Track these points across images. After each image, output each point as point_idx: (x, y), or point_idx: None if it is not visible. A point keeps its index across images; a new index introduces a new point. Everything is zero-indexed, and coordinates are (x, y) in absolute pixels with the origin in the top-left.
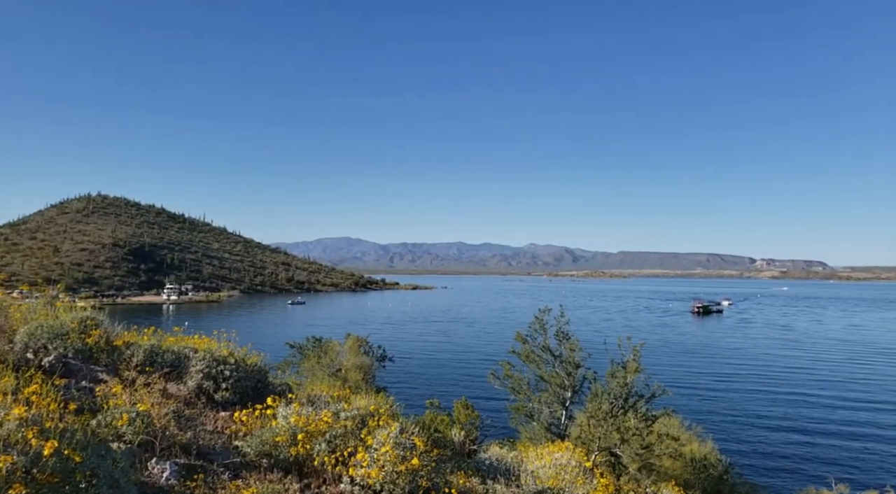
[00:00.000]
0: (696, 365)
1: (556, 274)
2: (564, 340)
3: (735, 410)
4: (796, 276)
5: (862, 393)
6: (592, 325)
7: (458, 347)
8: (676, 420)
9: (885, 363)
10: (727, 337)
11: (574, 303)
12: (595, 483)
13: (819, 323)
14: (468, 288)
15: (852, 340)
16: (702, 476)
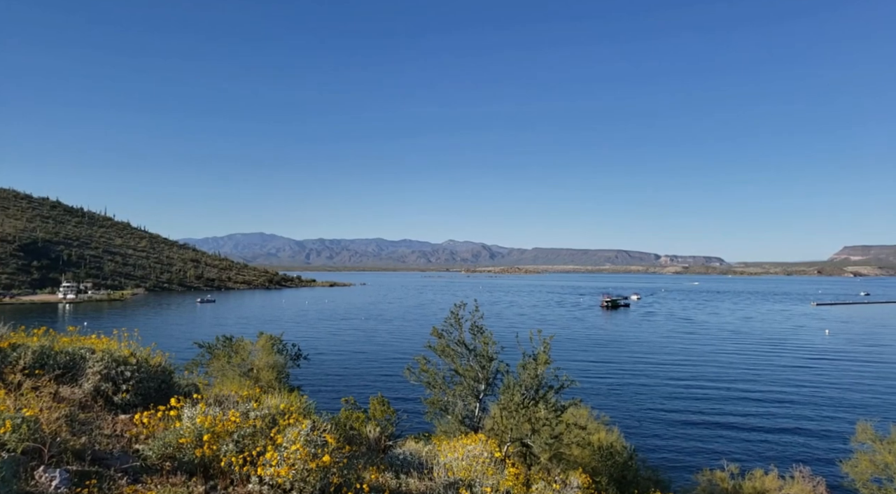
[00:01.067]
0: (604, 356)
1: (474, 270)
2: (479, 334)
3: (639, 399)
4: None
5: (752, 381)
6: (507, 320)
7: (376, 344)
8: (585, 410)
9: (772, 352)
10: (633, 329)
11: (490, 299)
12: (505, 474)
13: (716, 316)
14: (387, 284)
15: (744, 331)
16: (608, 462)
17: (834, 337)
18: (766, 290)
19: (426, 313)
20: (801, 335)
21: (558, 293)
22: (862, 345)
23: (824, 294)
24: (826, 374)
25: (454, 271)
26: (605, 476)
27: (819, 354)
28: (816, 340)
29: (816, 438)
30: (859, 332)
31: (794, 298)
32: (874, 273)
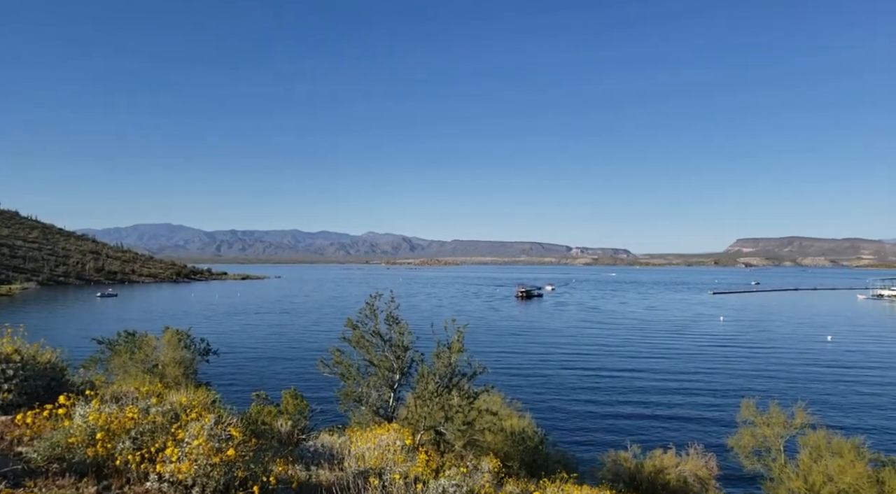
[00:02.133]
0: (518, 345)
1: (394, 263)
2: (394, 324)
3: (551, 386)
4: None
5: (655, 367)
6: (425, 311)
7: (291, 338)
8: (499, 397)
9: (673, 339)
10: (545, 319)
11: (409, 291)
12: (416, 461)
13: (623, 305)
14: (304, 277)
15: (648, 320)
16: (520, 447)
17: (728, 323)
18: (669, 280)
19: (343, 306)
20: (699, 322)
21: (476, 284)
22: (753, 331)
23: (720, 283)
24: (721, 359)
25: (374, 263)
26: (517, 461)
27: (715, 340)
28: (713, 327)
29: (710, 418)
30: (751, 319)
31: (694, 288)
32: (762, 263)
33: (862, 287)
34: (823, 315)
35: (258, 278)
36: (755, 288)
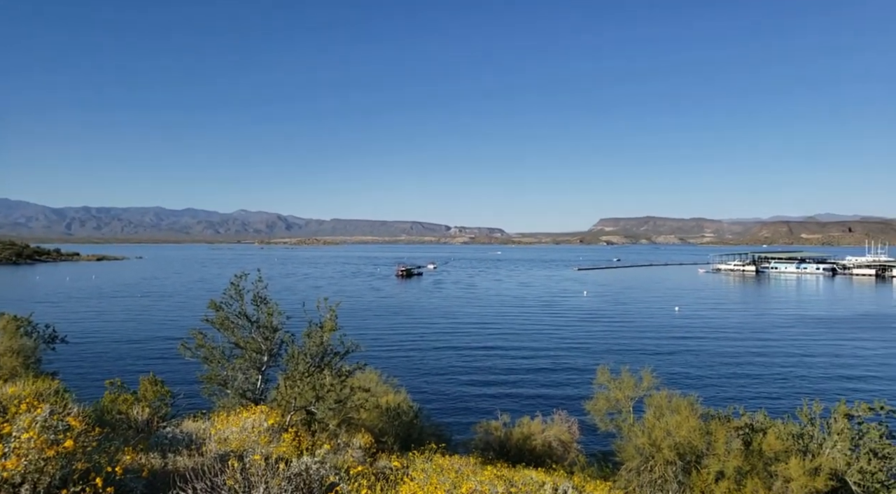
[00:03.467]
0: (397, 323)
1: (269, 242)
2: (262, 305)
3: (428, 361)
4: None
5: (526, 340)
6: (300, 292)
7: (152, 323)
8: (374, 374)
9: (543, 313)
10: (424, 297)
11: (284, 271)
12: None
13: (497, 282)
14: (167, 258)
15: (521, 295)
16: (395, 423)
17: (591, 297)
18: (539, 258)
19: (210, 288)
20: (566, 297)
21: (355, 264)
22: (613, 304)
23: (584, 260)
24: (584, 330)
25: (247, 243)
26: (391, 436)
27: (580, 314)
28: (578, 301)
29: (575, 385)
30: (611, 293)
31: (561, 264)
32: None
33: (704, 262)
34: (672, 288)
35: (116, 259)
36: (616, 264)
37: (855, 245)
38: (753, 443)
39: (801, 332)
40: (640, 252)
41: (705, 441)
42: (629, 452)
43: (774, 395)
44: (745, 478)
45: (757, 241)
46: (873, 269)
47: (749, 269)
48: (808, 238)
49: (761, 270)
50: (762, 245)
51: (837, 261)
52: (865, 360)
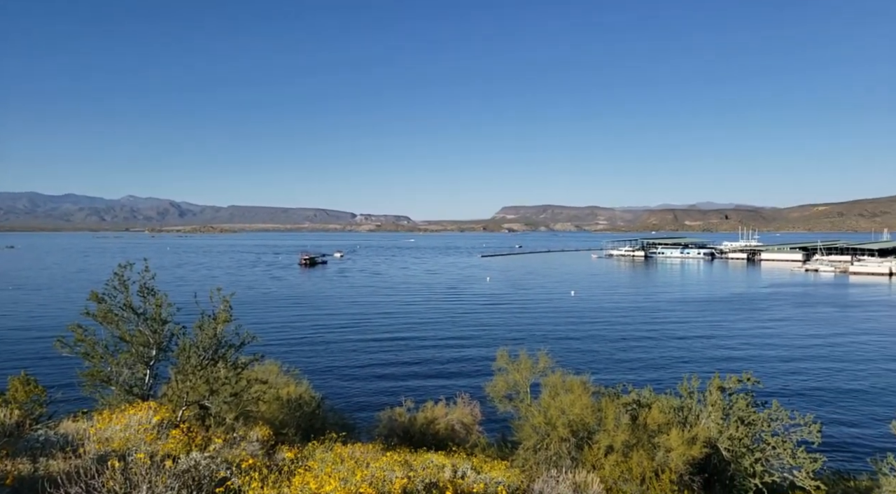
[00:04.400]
0: (300, 313)
1: (160, 230)
2: (150, 296)
3: (333, 351)
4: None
5: (432, 327)
6: (193, 283)
7: (25, 318)
8: (275, 365)
9: (449, 300)
10: (329, 286)
11: (176, 261)
12: (168, 437)
13: (404, 270)
14: (44, 247)
15: (427, 282)
16: (297, 414)
17: (494, 283)
18: (445, 245)
19: (93, 280)
20: (471, 283)
21: (255, 253)
22: (514, 288)
23: (487, 247)
24: (488, 315)
25: (136, 231)
26: (292, 428)
27: (483, 299)
28: (482, 287)
29: (479, 369)
30: (513, 278)
31: (466, 251)
32: (523, 229)
33: (597, 248)
34: (568, 273)
35: None
36: (518, 250)
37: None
38: (640, 418)
39: (683, 313)
40: (540, 238)
41: (596, 418)
42: (526, 431)
43: (660, 372)
44: (631, 451)
45: (646, 228)
46: (745, 253)
47: (638, 254)
48: (690, 225)
49: (649, 255)
50: (651, 231)
51: (716, 247)
52: (737, 336)
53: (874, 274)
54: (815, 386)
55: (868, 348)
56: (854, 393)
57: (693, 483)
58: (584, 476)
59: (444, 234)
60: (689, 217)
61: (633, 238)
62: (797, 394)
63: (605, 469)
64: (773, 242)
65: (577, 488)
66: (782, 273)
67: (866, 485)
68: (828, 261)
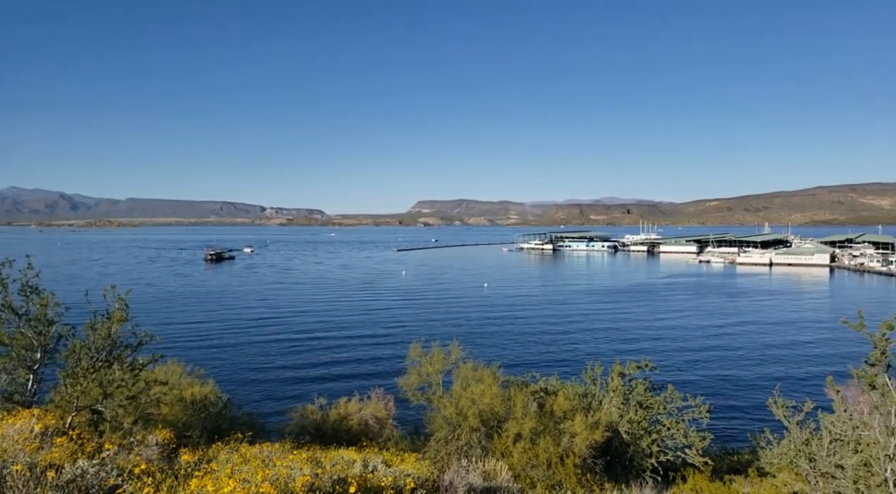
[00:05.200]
0: (206, 311)
1: (49, 224)
2: (33, 295)
3: (243, 349)
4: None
5: (346, 322)
6: (86, 281)
7: None
8: (178, 366)
9: (364, 295)
10: (237, 282)
11: (68, 257)
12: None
13: (318, 265)
14: None
15: (342, 278)
16: (202, 415)
17: (410, 277)
18: (360, 240)
19: None
20: (386, 277)
21: (155, 248)
22: (429, 282)
23: (403, 241)
24: (403, 309)
25: (20, 225)
26: (197, 429)
27: (399, 293)
28: (397, 281)
29: (394, 363)
30: (428, 272)
31: (381, 246)
32: (438, 223)
33: (509, 242)
34: (482, 266)
35: None
36: (434, 244)
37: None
38: (547, 405)
39: (588, 303)
40: (455, 232)
41: (506, 407)
42: (438, 422)
43: (567, 360)
44: (539, 437)
45: (554, 222)
46: (645, 246)
47: (547, 248)
48: (596, 219)
49: (557, 248)
50: (559, 226)
51: (618, 240)
52: (638, 324)
53: (757, 265)
54: (705, 369)
55: (751, 334)
56: (739, 374)
57: (595, 465)
58: (493, 465)
59: (360, 228)
60: (595, 211)
61: (543, 232)
62: (690, 377)
63: (514, 456)
64: (671, 235)
65: (486, 476)
66: (679, 264)
67: (747, 458)
68: (718, 253)
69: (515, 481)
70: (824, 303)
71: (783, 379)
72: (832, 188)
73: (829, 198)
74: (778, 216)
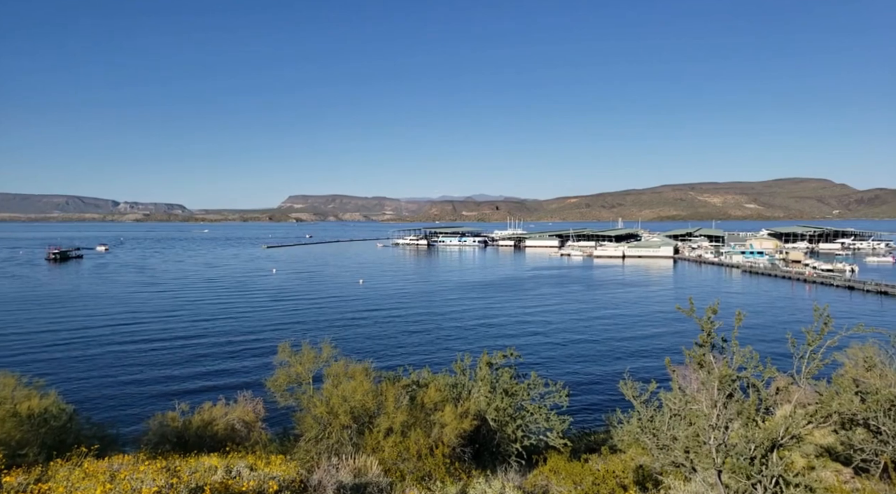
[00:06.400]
0: (51, 316)
1: None
2: None
3: (94, 355)
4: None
5: (215, 324)
6: None
7: None
8: (11, 378)
9: (232, 295)
10: (87, 285)
11: None
12: None
13: (180, 263)
14: None
15: (209, 277)
16: (41, 430)
17: (281, 275)
18: (226, 236)
19: None
20: (255, 276)
21: None
22: (302, 280)
23: (273, 237)
24: (276, 309)
25: None
26: (35, 446)
27: (269, 292)
28: (267, 280)
29: (264, 364)
30: (301, 269)
31: (249, 242)
32: (311, 218)
33: (384, 237)
34: (357, 262)
35: None
36: (308, 240)
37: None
38: (417, 398)
39: (460, 296)
40: (329, 228)
41: (377, 402)
42: (308, 422)
43: (440, 352)
44: (410, 430)
45: (429, 218)
46: (513, 241)
47: (422, 243)
48: (467, 215)
49: (432, 243)
50: (434, 221)
51: (488, 235)
52: (507, 315)
53: (612, 257)
54: (567, 355)
55: (607, 321)
56: (598, 359)
57: (464, 454)
58: (364, 461)
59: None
60: (466, 208)
61: (417, 227)
62: (553, 363)
63: (386, 450)
64: (536, 231)
65: (357, 472)
66: (543, 257)
67: (602, 437)
68: (578, 247)
69: (386, 475)
70: (669, 291)
71: (636, 361)
72: (675, 186)
73: (673, 195)
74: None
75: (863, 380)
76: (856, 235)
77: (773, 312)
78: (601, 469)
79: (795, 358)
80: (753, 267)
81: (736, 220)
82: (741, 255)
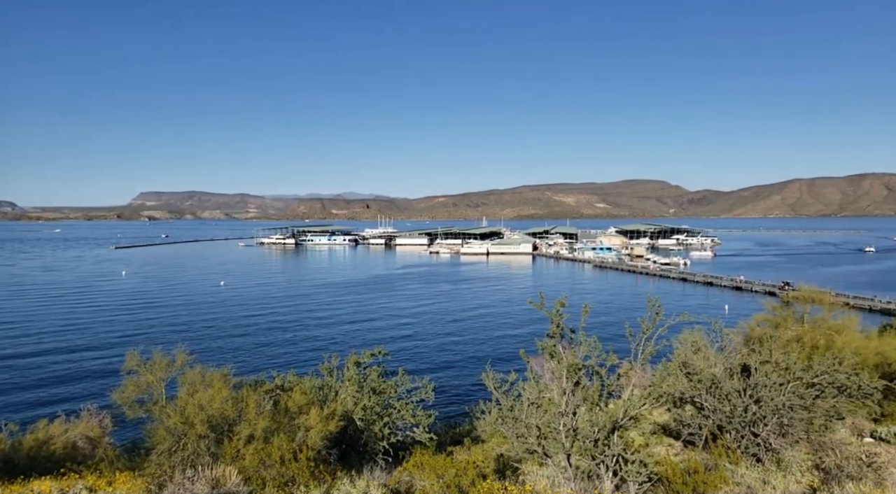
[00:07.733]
0: None
1: None
2: None
3: None
4: None
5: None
6: None
7: None
8: None
9: (78, 302)
10: None
11: None
12: None
13: (7, 267)
14: None
15: (46, 282)
16: None
17: (132, 278)
18: (67, 236)
19: None
20: (103, 280)
21: None
22: (157, 282)
23: (123, 237)
24: (126, 314)
25: None
26: None
27: (118, 296)
28: (117, 283)
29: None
30: (157, 271)
31: (95, 243)
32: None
33: (248, 236)
34: (218, 263)
35: None
36: (164, 240)
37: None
38: (281, 402)
39: (330, 296)
40: (187, 227)
41: (237, 409)
42: (160, 434)
43: (307, 354)
44: (273, 436)
45: (296, 216)
46: (383, 239)
47: (289, 242)
48: (337, 213)
49: (300, 242)
50: (303, 219)
51: (359, 233)
52: (377, 313)
53: (477, 254)
54: (435, 349)
55: (473, 315)
56: (465, 352)
57: (330, 455)
58: (222, 470)
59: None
60: (336, 206)
61: (284, 226)
62: (421, 358)
63: (246, 458)
64: (405, 229)
65: (215, 483)
66: (413, 255)
67: (467, 429)
68: (445, 245)
69: (246, 484)
70: (528, 286)
71: (499, 351)
72: (533, 187)
73: (532, 195)
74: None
75: (690, 363)
76: (688, 232)
77: (619, 303)
78: (463, 461)
79: (633, 345)
80: (603, 262)
81: (588, 219)
82: (592, 251)
